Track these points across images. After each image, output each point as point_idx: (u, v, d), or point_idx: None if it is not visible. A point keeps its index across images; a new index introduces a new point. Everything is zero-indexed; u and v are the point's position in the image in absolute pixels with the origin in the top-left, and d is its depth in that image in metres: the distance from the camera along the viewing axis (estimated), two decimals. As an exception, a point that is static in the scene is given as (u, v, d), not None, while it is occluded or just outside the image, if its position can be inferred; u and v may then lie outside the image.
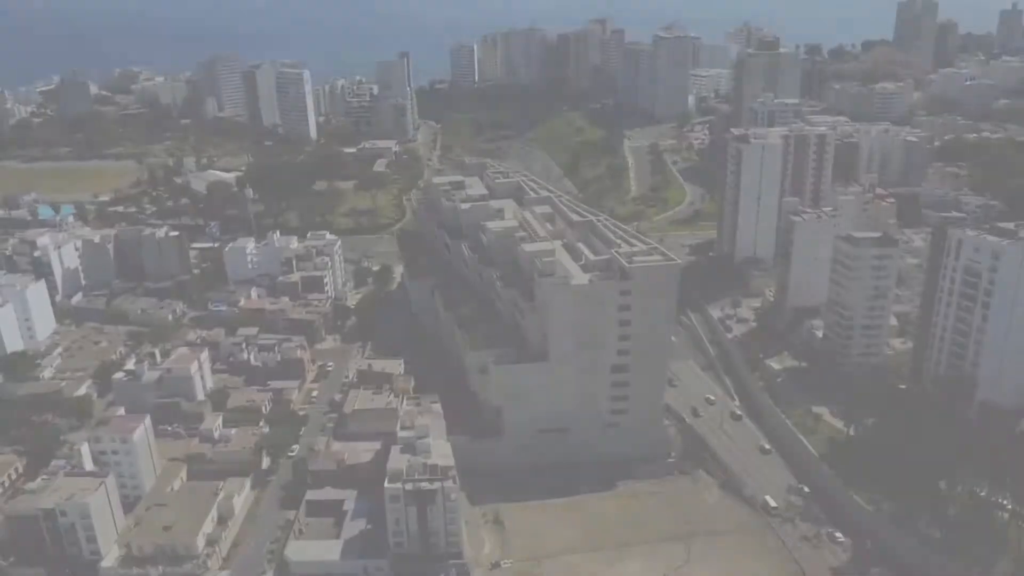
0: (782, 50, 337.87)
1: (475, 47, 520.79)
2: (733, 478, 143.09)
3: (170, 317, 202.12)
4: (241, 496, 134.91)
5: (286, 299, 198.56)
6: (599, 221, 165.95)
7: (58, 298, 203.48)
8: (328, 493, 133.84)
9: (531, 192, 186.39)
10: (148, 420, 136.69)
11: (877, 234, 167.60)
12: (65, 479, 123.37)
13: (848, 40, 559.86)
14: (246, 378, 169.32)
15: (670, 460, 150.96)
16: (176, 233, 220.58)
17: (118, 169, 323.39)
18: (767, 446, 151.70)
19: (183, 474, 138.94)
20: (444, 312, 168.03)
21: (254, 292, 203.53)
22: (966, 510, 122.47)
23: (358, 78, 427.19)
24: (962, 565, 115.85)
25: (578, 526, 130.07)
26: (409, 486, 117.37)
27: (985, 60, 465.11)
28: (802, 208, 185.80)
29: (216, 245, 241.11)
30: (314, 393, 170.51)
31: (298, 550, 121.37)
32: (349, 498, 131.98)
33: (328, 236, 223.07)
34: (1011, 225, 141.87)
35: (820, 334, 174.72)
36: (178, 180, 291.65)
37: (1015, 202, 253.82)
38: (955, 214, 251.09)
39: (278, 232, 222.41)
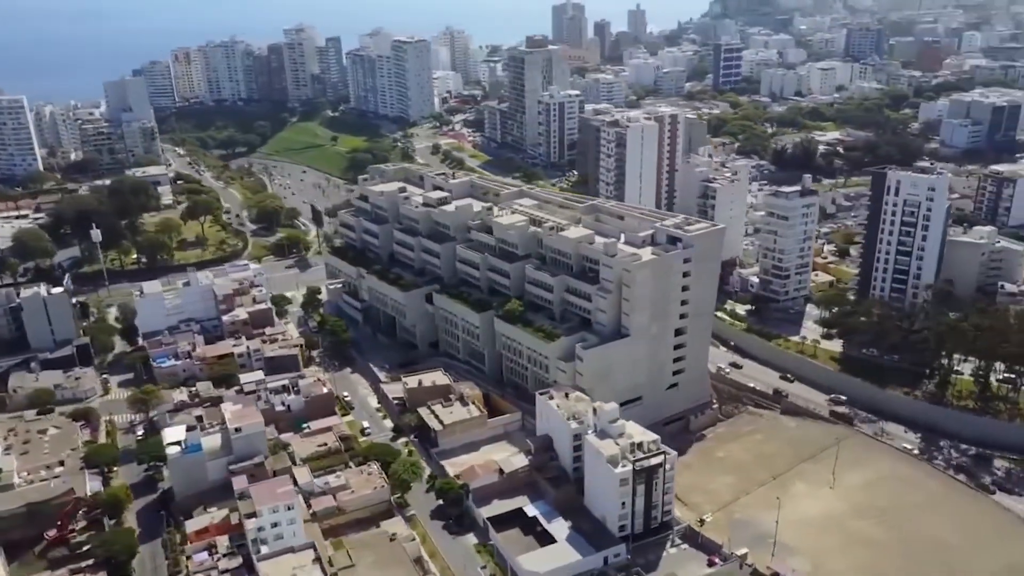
0: (551, 47, 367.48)
1: (170, 64, 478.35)
2: (787, 405, 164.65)
3: (96, 387, 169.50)
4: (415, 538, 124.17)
5: (243, 338, 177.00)
6: (600, 203, 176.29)
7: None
8: (499, 506, 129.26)
9: (503, 189, 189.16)
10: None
11: (798, 188, 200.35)
12: (269, 563, 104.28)
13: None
14: (276, 425, 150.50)
15: (714, 407, 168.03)
16: (61, 290, 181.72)
17: None
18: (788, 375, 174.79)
19: (319, 533, 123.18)
20: (477, 314, 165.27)
21: (197, 339, 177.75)
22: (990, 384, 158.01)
23: (73, 103, 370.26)
24: (1003, 419, 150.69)
25: (726, 472, 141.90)
26: (638, 465, 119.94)
27: (651, 51, 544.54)
28: (713, 176, 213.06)
29: (73, 300, 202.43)
30: (365, 423, 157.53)
31: (533, 562, 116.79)
32: (524, 504, 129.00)
33: (252, 266, 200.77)
34: (927, 163, 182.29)
35: (756, 280, 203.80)
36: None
37: (777, 161, 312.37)
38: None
39: (196, 270, 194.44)
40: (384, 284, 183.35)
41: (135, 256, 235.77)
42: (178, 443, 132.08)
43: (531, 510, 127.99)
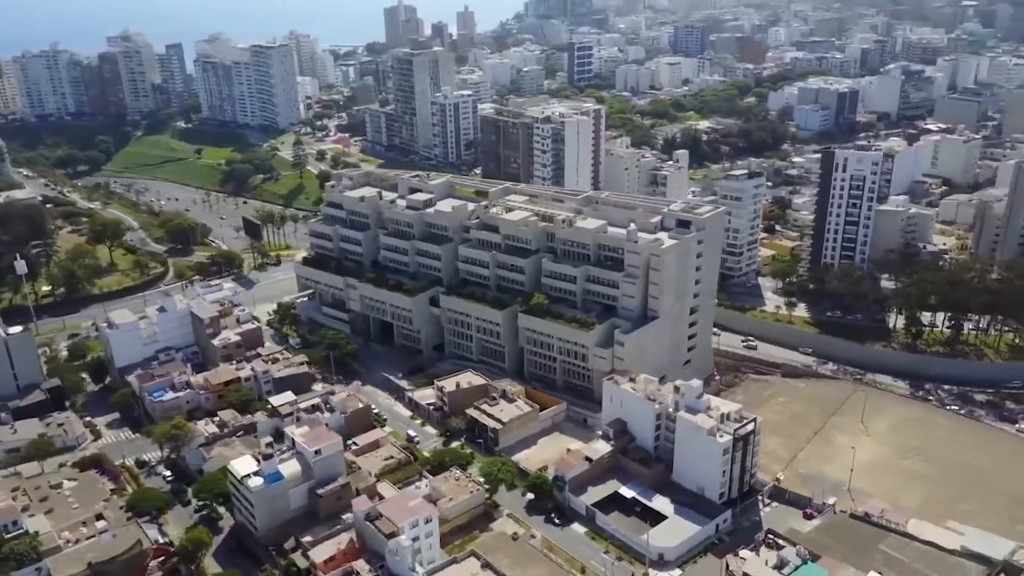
0: (437, 49, 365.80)
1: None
2: (788, 369, 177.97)
3: (85, 432, 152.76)
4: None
5: (243, 362, 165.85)
6: (594, 194, 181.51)
7: None
8: (595, 492, 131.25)
9: (490, 187, 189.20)
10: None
11: (746, 172, 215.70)
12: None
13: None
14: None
15: (716, 378, 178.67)
16: (21, 329, 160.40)
17: None
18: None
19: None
20: (498, 312, 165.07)
21: (188, 367, 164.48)
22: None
23: None
24: (972, 359, 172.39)
25: (771, 434, 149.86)
26: (737, 434, 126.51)
27: (496, 51, 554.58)
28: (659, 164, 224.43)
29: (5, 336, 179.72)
30: (411, 432, 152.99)
31: (659, 539, 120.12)
32: (618, 487, 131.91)
33: (226, 286, 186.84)
34: (864, 142, 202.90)
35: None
36: None
37: (668, 150, 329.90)
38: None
39: (170, 294, 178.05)
40: (383, 291, 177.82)
41: (50, 288, 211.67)
42: (252, 474, 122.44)
43: (626, 492, 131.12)
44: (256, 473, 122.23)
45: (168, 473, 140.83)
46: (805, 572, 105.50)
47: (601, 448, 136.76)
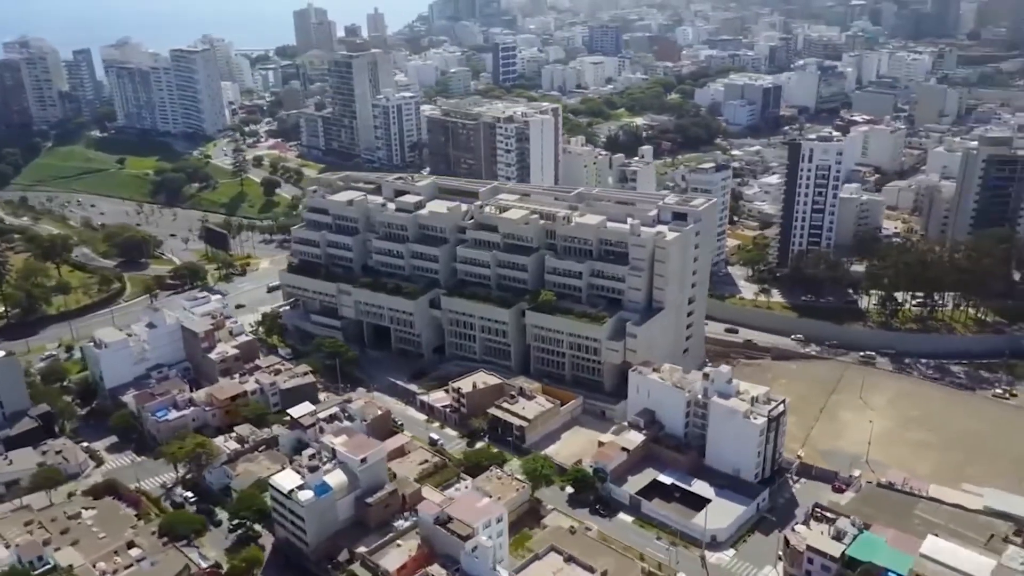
0: (375, 51, 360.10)
1: None
2: (777, 353, 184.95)
3: (87, 459, 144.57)
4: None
5: (246, 375, 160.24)
6: (584, 191, 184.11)
7: None
8: (635, 481, 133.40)
9: (479, 187, 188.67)
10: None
11: (713, 164, 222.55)
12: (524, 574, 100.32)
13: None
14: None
15: (707, 362, 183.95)
16: (3, 354, 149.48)
17: None
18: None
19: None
20: (505, 310, 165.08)
21: (186, 384, 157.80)
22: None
23: None
24: (944, 332, 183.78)
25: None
26: (771, 415, 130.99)
27: (412, 53, 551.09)
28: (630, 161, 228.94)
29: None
30: (432, 434, 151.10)
31: (710, 520, 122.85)
32: (655, 475, 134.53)
33: (213, 297, 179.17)
34: (827, 132, 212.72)
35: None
36: None
37: (612, 147, 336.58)
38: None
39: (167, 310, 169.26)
40: (382, 296, 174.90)
41: (3, 309, 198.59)
42: (299, 488, 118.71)
43: (665, 479, 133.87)
44: (302, 486, 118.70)
45: (190, 494, 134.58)
46: (864, 540, 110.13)
47: (635, 438, 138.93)
